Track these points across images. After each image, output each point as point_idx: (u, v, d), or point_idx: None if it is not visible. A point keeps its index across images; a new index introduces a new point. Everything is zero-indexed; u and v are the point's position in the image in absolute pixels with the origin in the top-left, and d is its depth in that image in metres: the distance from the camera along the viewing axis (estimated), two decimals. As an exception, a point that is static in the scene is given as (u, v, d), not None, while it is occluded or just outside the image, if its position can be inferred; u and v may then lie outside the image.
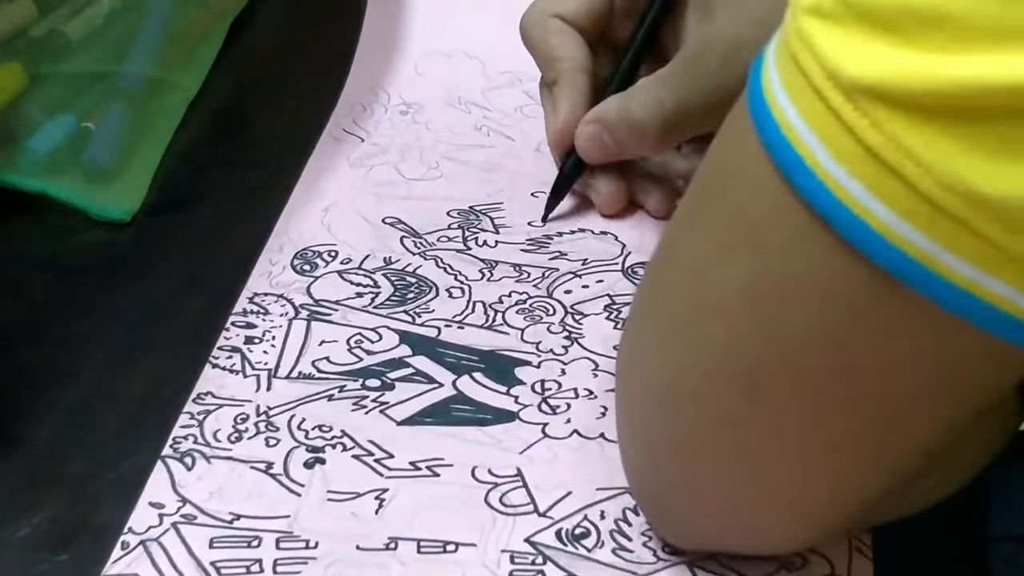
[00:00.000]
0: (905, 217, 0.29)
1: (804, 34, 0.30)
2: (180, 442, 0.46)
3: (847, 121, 0.29)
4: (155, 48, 0.67)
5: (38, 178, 0.59)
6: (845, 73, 0.29)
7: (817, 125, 0.30)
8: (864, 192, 0.29)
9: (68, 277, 0.55)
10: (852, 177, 0.29)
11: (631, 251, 0.56)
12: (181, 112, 0.64)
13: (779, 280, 0.33)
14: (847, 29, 0.29)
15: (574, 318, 0.52)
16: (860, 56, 0.29)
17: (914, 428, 0.35)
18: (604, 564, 0.42)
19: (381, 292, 0.54)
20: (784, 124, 0.31)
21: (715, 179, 0.36)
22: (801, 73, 0.30)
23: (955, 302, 0.29)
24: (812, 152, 0.30)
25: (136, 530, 0.43)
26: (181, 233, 0.58)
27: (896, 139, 0.29)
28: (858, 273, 0.31)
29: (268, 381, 0.49)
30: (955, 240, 0.29)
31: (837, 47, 0.29)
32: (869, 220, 0.29)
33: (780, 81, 0.31)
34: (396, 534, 0.43)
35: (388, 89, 0.67)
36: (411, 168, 0.61)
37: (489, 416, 0.48)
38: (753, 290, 0.34)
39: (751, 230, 0.33)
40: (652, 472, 0.41)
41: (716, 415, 0.36)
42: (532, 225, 0.58)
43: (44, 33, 0.66)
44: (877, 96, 0.29)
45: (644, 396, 0.39)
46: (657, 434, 0.39)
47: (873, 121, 0.29)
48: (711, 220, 0.35)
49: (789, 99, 0.31)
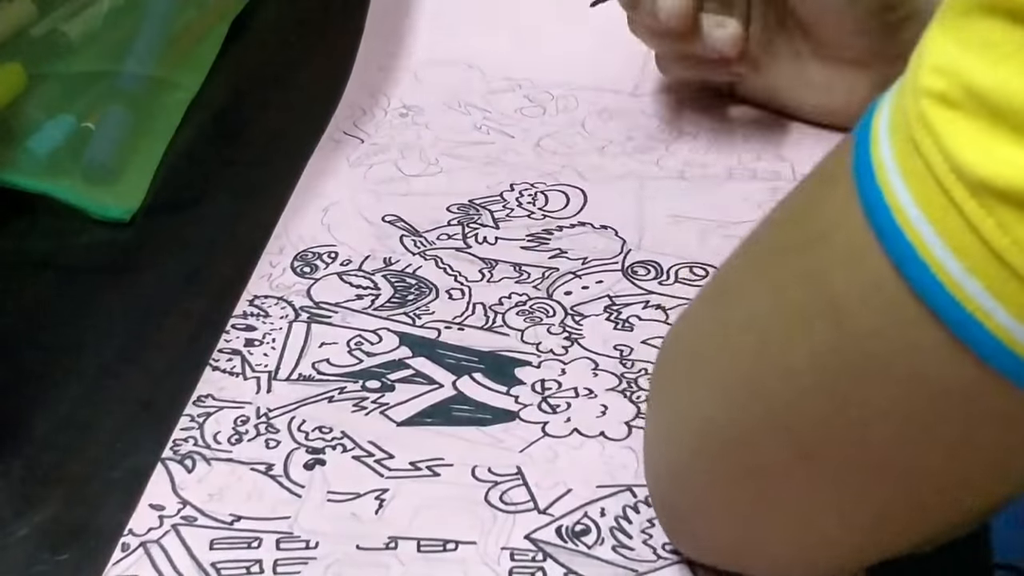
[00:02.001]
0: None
1: (928, 121, 0.29)
2: (180, 444, 0.46)
3: (970, 218, 0.28)
4: (155, 48, 0.67)
5: (38, 178, 0.59)
6: (973, 171, 0.28)
7: (935, 216, 0.28)
8: (982, 291, 0.28)
9: (68, 277, 0.55)
10: (970, 275, 0.28)
11: (631, 248, 0.56)
12: (181, 112, 0.64)
13: (859, 358, 0.31)
14: (976, 124, 0.28)
15: (574, 319, 0.52)
16: (989, 154, 0.28)
17: (967, 499, 0.34)
18: (604, 561, 0.42)
19: (381, 294, 0.54)
20: (896, 208, 0.29)
21: (799, 235, 0.34)
22: (921, 159, 0.29)
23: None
24: (926, 243, 0.29)
25: (136, 532, 0.43)
26: (181, 233, 0.58)
27: (1022, 243, 0.27)
28: (960, 367, 0.29)
29: (268, 383, 0.49)
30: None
31: (965, 141, 0.28)
32: (985, 321, 0.28)
33: (895, 162, 0.30)
34: (396, 534, 0.43)
35: (388, 94, 0.67)
36: (411, 165, 0.61)
37: (489, 416, 0.48)
38: (828, 363, 0.32)
39: (835, 302, 0.32)
40: (678, 495, 0.40)
41: (759, 464, 0.36)
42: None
43: (44, 33, 0.67)
44: (1007, 198, 0.27)
45: (682, 423, 0.39)
46: (689, 463, 0.39)
47: (1000, 222, 0.27)
48: (787, 279, 0.34)
49: (904, 183, 0.29)
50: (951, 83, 0.28)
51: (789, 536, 0.38)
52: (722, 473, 0.37)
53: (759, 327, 0.35)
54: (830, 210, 0.33)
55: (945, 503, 0.34)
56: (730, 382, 0.36)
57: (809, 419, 0.34)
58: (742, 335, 0.36)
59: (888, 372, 0.31)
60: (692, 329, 0.40)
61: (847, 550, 0.38)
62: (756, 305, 0.36)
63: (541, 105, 0.65)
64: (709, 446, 0.37)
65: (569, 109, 0.65)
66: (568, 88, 0.66)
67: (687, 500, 0.40)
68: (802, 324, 0.33)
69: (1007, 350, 0.28)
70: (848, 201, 0.31)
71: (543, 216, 0.58)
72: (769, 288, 0.35)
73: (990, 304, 0.28)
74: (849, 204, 0.31)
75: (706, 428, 0.37)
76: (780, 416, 0.35)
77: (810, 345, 0.33)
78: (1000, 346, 0.28)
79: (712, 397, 0.37)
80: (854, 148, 0.32)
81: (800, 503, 0.36)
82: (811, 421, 0.34)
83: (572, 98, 0.65)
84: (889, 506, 0.35)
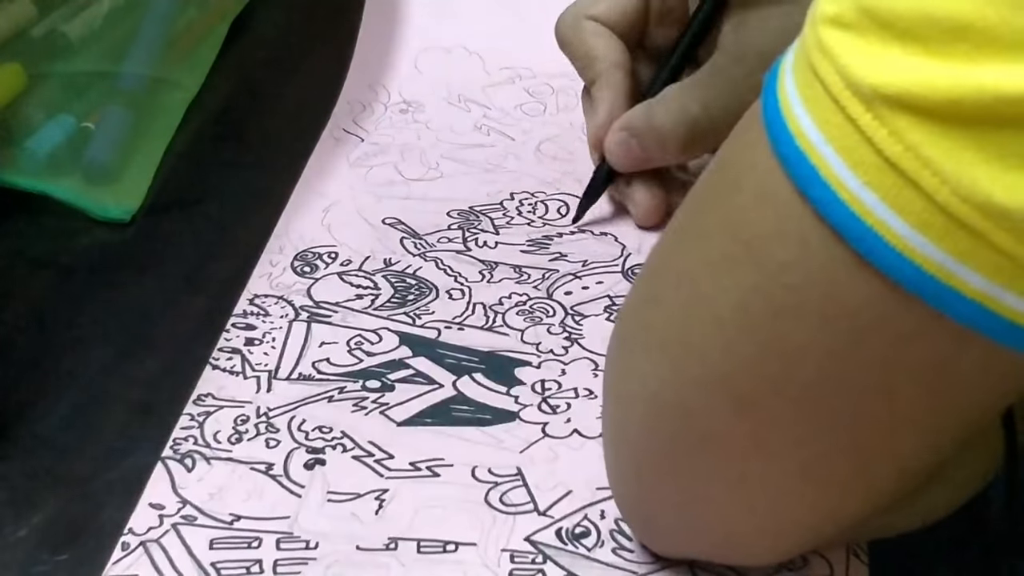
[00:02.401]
0: (920, 229, 0.29)
1: (824, 44, 0.30)
2: (180, 443, 0.46)
3: (865, 131, 0.29)
4: (155, 48, 0.67)
5: (38, 178, 0.59)
6: (866, 82, 0.29)
7: (834, 135, 0.30)
8: (879, 203, 0.29)
9: (68, 277, 0.55)
10: (867, 188, 0.29)
11: (631, 252, 0.56)
12: (181, 112, 0.64)
13: (780, 293, 0.32)
14: (868, 39, 0.29)
15: (574, 319, 0.52)
16: (881, 65, 0.29)
17: (904, 445, 0.35)
18: (604, 563, 0.42)
19: (381, 294, 0.54)
20: (799, 135, 0.31)
21: (716, 189, 0.36)
22: (819, 83, 0.30)
23: (968, 315, 0.29)
24: (827, 163, 0.30)
25: (136, 531, 0.43)
26: (181, 233, 0.58)
27: (915, 149, 0.28)
28: (866, 286, 0.30)
29: (268, 382, 0.49)
30: (970, 253, 0.28)
31: (857, 57, 0.29)
32: (883, 232, 0.29)
33: (797, 92, 0.31)
34: (396, 534, 0.43)
35: (388, 87, 0.67)
36: (411, 168, 0.61)
37: (489, 416, 0.48)
38: (751, 303, 0.33)
39: (753, 242, 0.33)
40: (635, 483, 0.41)
41: (703, 428, 0.36)
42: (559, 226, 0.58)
43: (44, 33, 0.67)
44: (898, 105, 0.28)
45: (630, 407, 0.39)
46: (642, 445, 0.39)
47: (892, 130, 0.28)
48: (709, 230, 0.35)
49: (806, 109, 0.30)
50: (844, 5, 0.30)
51: (744, 511, 0.38)
52: (671, 445, 0.37)
53: (687, 282, 0.36)
54: (743, 154, 0.34)
55: (887, 449, 0.35)
56: (665, 343, 0.37)
57: (740, 367, 0.34)
58: (672, 294, 0.36)
59: (805, 305, 0.32)
60: (632, 300, 0.40)
61: (805, 520, 0.38)
62: (684, 262, 0.36)
63: (541, 101, 0.65)
64: (655, 418, 0.38)
65: (569, 107, 0.65)
66: (568, 79, 0.65)
67: (644, 485, 0.40)
68: (724, 271, 0.34)
69: (907, 260, 0.29)
70: (758, 142, 0.32)
71: (543, 224, 0.58)
72: (694, 244, 0.36)
73: (887, 215, 0.29)
74: (759, 144, 0.32)
75: (651, 400, 0.38)
76: (714, 369, 0.35)
77: (733, 290, 0.34)
78: (900, 257, 0.29)
79: (652, 364, 0.37)
80: (763, 93, 0.33)
81: (748, 467, 0.36)
82: (742, 369, 0.34)
83: (572, 91, 0.65)
84: (831, 458, 0.35)
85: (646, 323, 0.38)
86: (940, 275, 0.29)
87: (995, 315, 0.29)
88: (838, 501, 0.37)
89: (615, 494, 0.43)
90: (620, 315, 0.41)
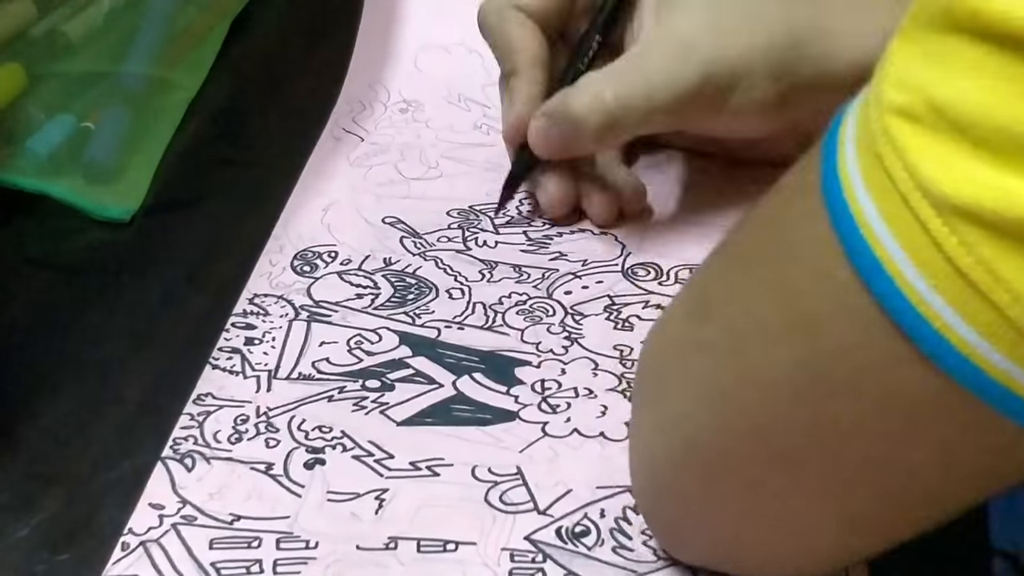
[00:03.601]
0: (989, 339, 0.28)
1: (891, 135, 0.29)
2: (180, 443, 0.46)
3: (935, 236, 0.28)
4: (155, 48, 0.67)
5: (38, 178, 0.59)
6: (937, 188, 0.27)
7: (901, 233, 0.28)
8: (946, 307, 0.28)
9: (68, 277, 0.55)
10: (935, 292, 0.28)
11: (631, 252, 0.56)
12: (181, 112, 0.64)
13: (833, 372, 0.31)
14: (940, 139, 0.28)
15: (574, 319, 0.52)
16: (954, 172, 0.27)
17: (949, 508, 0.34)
18: (604, 562, 0.42)
19: (381, 293, 0.54)
20: (863, 224, 0.29)
21: (771, 247, 0.34)
22: (886, 174, 0.29)
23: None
24: (892, 258, 0.29)
25: (136, 531, 0.43)
26: (181, 233, 0.58)
27: (986, 263, 0.27)
28: (927, 383, 0.29)
29: (268, 382, 0.49)
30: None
31: (929, 158, 0.28)
32: (949, 336, 0.28)
33: (861, 176, 0.29)
34: (396, 534, 0.43)
35: (388, 86, 0.67)
36: (411, 167, 0.61)
37: (489, 416, 0.48)
38: (802, 376, 0.32)
39: (807, 317, 0.32)
40: (666, 506, 0.41)
41: (742, 475, 0.36)
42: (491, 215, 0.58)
43: (44, 33, 0.67)
44: (970, 217, 0.27)
45: (666, 440, 0.39)
46: (674, 476, 0.39)
47: (963, 241, 0.27)
48: (761, 292, 0.34)
49: (871, 199, 0.29)
50: (914, 97, 0.28)
51: (776, 542, 0.38)
52: (707, 484, 0.38)
53: (735, 340, 0.35)
54: (799, 223, 0.32)
55: (925, 509, 0.35)
56: (711, 395, 0.36)
57: (788, 432, 0.34)
58: (719, 348, 0.36)
59: (861, 388, 0.31)
60: (670, 339, 0.40)
61: (834, 552, 0.38)
62: (731, 317, 0.35)
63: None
64: (693, 459, 0.37)
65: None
66: None
67: (675, 510, 0.40)
68: (777, 339, 0.33)
69: (972, 366, 0.28)
70: (816, 215, 0.31)
71: (543, 224, 0.58)
72: (743, 301, 0.35)
73: (955, 320, 0.28)
74: (817, 218, 0.31)
75: (689, 441, 0.37)
76: (760, 429, 0.34)
77: (785, 360, 0.33)
78: (966, 362, 0.28)
79: (695, 410, 0.37)
80: (822, 161, 0.31)
81: (784, 512, 0.36)
82: (790, 434, 0.34)
83: None
84: (870, 513, 0.35)
85: (686, 363, 0.37)
86: (1007, 382, 0.28)
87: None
88: (870, 542, 0.37)
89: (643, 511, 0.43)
90: (655, 339, 0.40)
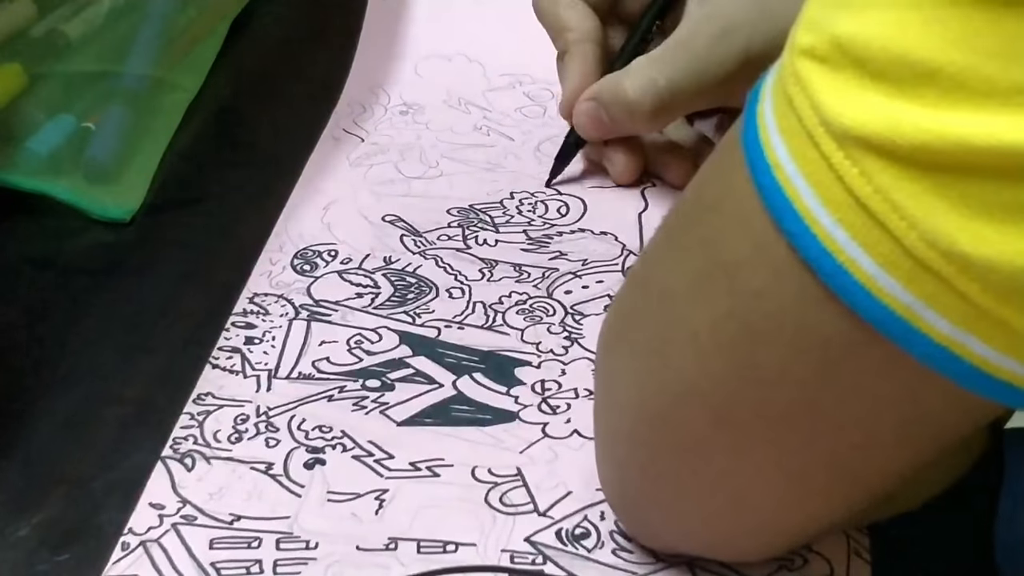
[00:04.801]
0: (888, 269, 0.29)
1: (799, 75, 0.30)
2: (180, 443, 0.46)
3: (837, 169, 0.29)
4: (155, 48, 0.67)
5: (38, 178, 0.59)
6: (838, 121, 0.29)
7: (808, 170, 0.30)
8: (849, 241, 0.29)
9: (68, 277, 0.55)
10: (839, 225, 0.29)
11: (631, 252, 0.56)
12: (181, 112, 0.64)
13: (753, 319, 0.32)
14: (842, 75, 0.29)
15: (574, 318, 0.52)
16: (853, 104, 0.29)
17: (881, 460, 0.35)
18: (604, 564, 0.42)
19: (381, 292, 0.54)
20: (775, 165, 0.30)
21: (698, 207, 0.36)
22: (795, 115, 0.30)
23: (932, 357, 0.29)
24: (800, 196, 0.30)
25: (136, 531, 0.43)
26: (181, 233, 0.58)
27: (884, 191, 0.28)
28: (836, 320, 0.30)
29: (268, 381, 0.49)
30: (935, 297, 0.28)
31: (831, 93, 0.29)
32: (853, 270, 0.29)
33: (775, 120, 0.31)
34: (396, 534, 0.43)
35: (388, 90, 0.67)
36: (411, 167, 0.61)
37: (489, 416, 0.48)
38: (724, 325, 0.33)
39: (728, 265, 0.33)
40: (622, 482, 0.41)
41: (684, 438, 0.36)
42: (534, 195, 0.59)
43: (44, 33, 0.67)
44: (868, 146, 0.28)
45: (616, 412, 0.39)
46: (627, 449, 0.39)
47: (863, 171, 0.28)
48: (688, 248, 0.35)
49: (782, 140, 0.30)
50: (820, 37, 0.29)
51: (729, 513, 0.38)
52: (655, 454, 0.38)
53: (667, 297, 0.36)
54: (721, 177, 0.34)
55: (865, 462, 0.35)
56: (649, 361, 0.37)
57: (716, 385, 0.34)
58: (654, 312, 0.37)
59: (778, 332, 0.32)
60: (618, 306, 0.41)
61: (789, 522, 0.38)
62: (664, 276, 0.36)
63: (541, 104, 0.65)
64: (638, 425, 0.38)
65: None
66: None
67: (633, 489, 0.41)
68: (701, 290, 0.34)
69: (874, 299, 0.29)
70: (736, 166, 0.32)
71: (543, 223, 0.58)
72: (675, 259, 0.36)
73: (857, 253, 0.29)
74: (738, 169, 0.32)
75: (634, 408, 0.38)
76: (691, 384, 0.35)
77: (708, 310, 0.34)
78: (868, 296, 0.29)
79: (634, 373, 0.38)
80: (744, 113, 0.33)
81: (727, 475, 0.36)
82: (718, 387, 0.34)
83: None
84: (809, 469, 0.35)
85: (629, 332, 0.38)
86: (907, 316, 0.29)
87: (959, 359, 0.29)
88: (820, 505, 0.37)
89: (605, 491, 0.43)
90: (607, 320, 0.41)
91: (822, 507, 0.37)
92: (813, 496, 0.36)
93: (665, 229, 0.38)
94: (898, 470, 0.36)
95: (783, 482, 0.36)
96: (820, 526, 0.39)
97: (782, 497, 0.36)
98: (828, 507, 0.37)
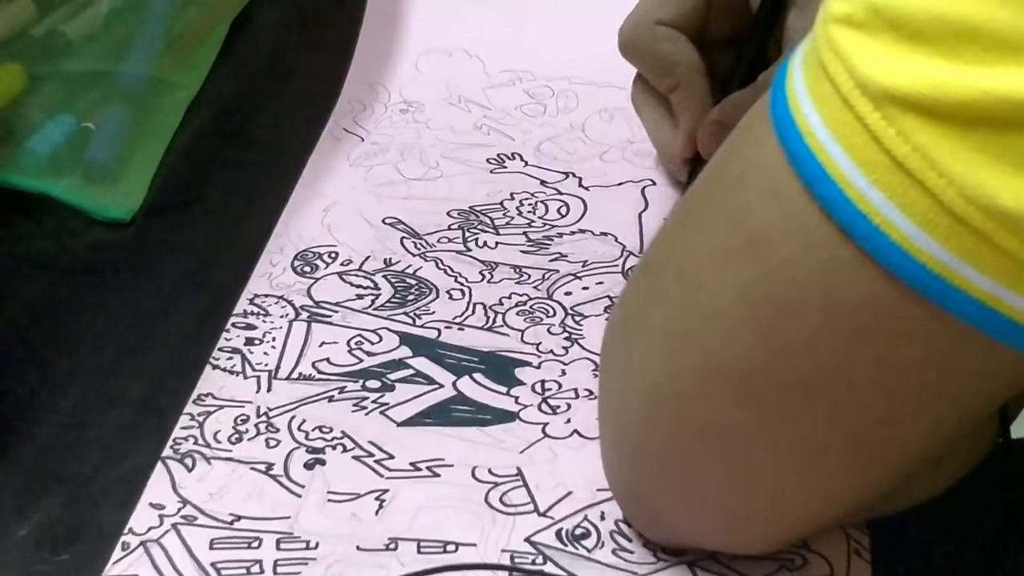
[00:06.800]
0: (926, 229, 0.29)
1: (834, 43, 0.30)
2: (180, 443, 0.46)
3: (874, 130, 0.29)
4: (155, 48, 0.67)
5: (38, 178, 0.59)
6: (875, 81, 0.29)
7: (842, 134, 0.30)
8: (885, 202, 0.29)
9: (68, 277, 0.55)
10: (874, 187, 0.29)
11: (631, 253, 0.56)
12: (181, 112, 0.64)
13: (782, 289, 0.33)
14: (879, 39, 0.29)
15: (574, 319, 0.52)
16: (891, 65, 0.29)
17: (903, 436, 0.35)
18: (604, 564, 0.42)
19: (381, 294, 0.54)
20: (807, 133, 0.31)
21: (720, 184, 0.36)
22: (829, 82, 0.30)
23: (971, 314, 0.29)
24: (834, 161, 0.30)
25: (136, 531, 0.43)
26: (181, 233, 0.58)
27: (922, 149, 0.28)
28: (868, 285, 0.31)
29: (268, 382, 0.49)
30: (975, 253, 0.29)
31: (868, 56, 0.29)
32: (889, 231, 0.29)
33: (806, 89, 0.31)
34: (396, 534, 0.43)
35: (388, 87, 0.67)
36: (411, 168, 0.61)
37: (489, 416, 0.48)
38: (753, 296, 0.34)
39: (756, 237, 0.33)
40: (635, 471, 0.41)
41: (704, 417, 0.36)
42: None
43: (44, 33, 0.66)
44: (906, 105, 0.29)
45: (630, 399, 0.39)
46: (643, 435, 0.39)
47: (900, 130, 0.29)
48: (712, 224, 0.35)
49: (815, 107, 0.31)
50: (855, 5, 0.30)
51: (744, 499, 0.38)
52: (673, 435, 0.38)
53: (688, 276, 0.36)
54: (749, 150, 0.34)
55: (886, 440, 0.35)
56: (668, 343, 0.37)
57: (741, 358, 0.35)
58: (673, 287, 0.37)
59: (807, 299, 0.32)
60: (630, 294, 0.41)
61: (804, 505, 0.38)
62: (686, 256, 0.37)
63: (541, 103, 0.65)
64: (656, 409, 0.38)
65: (569, 109, 0.65)
66: (568, 82, 0.66)
67: (643, 477, 0.41)
68: (727, 264, 0.34)
69: (912, 259, 0.29)
70: (765, 137, 0.32)
71: (543, 224, 0.58)
72: (694, 239, 0.36)
73: (894, 214, 0.29)
74: (766, 140, 0.32)
75: (651, 390, 0.38)
76: (714, 359, 0.35)
77: (735, 283, 0.34)
78: (906, 256, 0.29)
79: (652, 356, 0.38)
80: (771, 89, 0.33)
81: (748, 454, 0.37)
82: (743, 360, 0.35)
83: (572, 94, 0.65)
84: (831, 446, 0.35)
85: (645, 316, 0.38)
86: (945, 274, 0.29)
87: (998, 314, 0.29)
88: (837, 488, 0.37)
89: (612, 485, 0.43)
90: (616, 310, 0.41)
91: (839, 490, 0.37)
92: (833, 477, 0.37)
93: (680, 214, 0.38)
94: (915, 452, 0.36)
95: (804, 461, 0.36)
96: (835, 513, 0.39)
97: (800, 478, 0.37)
98: (845, 490, 0.37)
